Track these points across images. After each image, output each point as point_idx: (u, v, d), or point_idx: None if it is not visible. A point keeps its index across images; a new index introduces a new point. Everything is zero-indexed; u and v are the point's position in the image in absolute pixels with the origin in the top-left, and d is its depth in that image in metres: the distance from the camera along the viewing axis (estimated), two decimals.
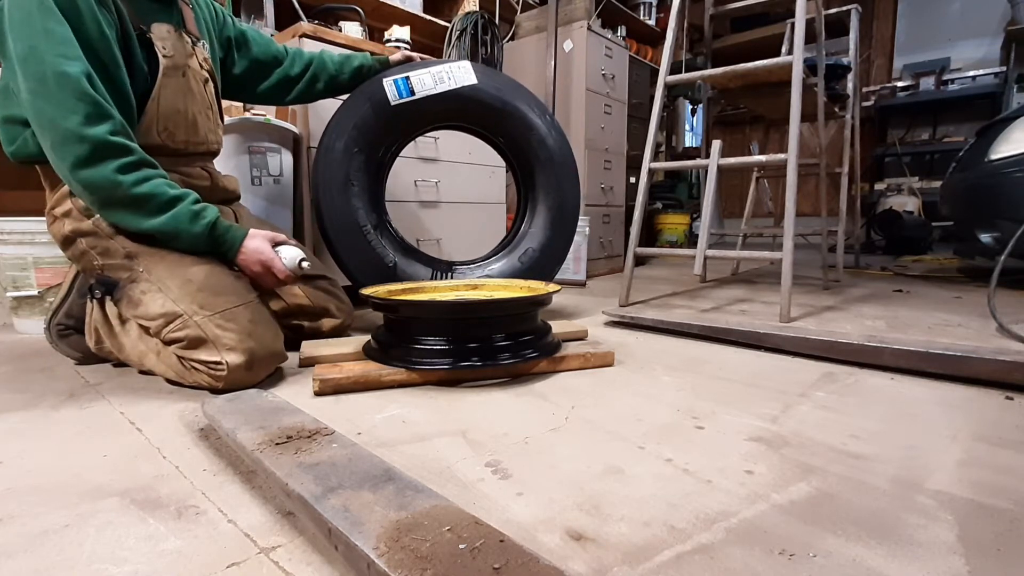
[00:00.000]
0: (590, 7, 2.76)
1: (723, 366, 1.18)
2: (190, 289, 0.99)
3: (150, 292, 0.99)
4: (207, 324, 0.97)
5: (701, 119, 4.13)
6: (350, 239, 1.43)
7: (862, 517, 0.59)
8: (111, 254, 1.02)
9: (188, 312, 0.97)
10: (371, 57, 1.51)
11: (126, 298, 1.01)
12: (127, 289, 1.01)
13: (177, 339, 0.97)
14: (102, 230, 1.02)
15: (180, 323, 0.97)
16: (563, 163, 1.63)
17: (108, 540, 0.55)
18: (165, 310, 0.98)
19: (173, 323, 0.97)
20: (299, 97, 1.47)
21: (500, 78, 1.56)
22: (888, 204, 3.97)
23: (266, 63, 1.40)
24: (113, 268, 1.02)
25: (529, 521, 0.58)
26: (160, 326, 0.98)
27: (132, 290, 1.01)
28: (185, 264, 1.01)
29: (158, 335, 0.99)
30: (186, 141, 1.15)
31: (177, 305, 0.98)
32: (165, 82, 1.07)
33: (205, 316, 0.97)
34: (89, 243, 1.03)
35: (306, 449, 0.64)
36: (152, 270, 1.00)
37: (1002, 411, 0.91)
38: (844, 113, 2.49)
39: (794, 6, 1.60)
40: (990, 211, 2.12)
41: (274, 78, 1.41)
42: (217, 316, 0.98)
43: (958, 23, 4.42)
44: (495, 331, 1.09)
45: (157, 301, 0.99)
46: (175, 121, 1.11)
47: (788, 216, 1.55)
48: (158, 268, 1.00)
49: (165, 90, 1.08)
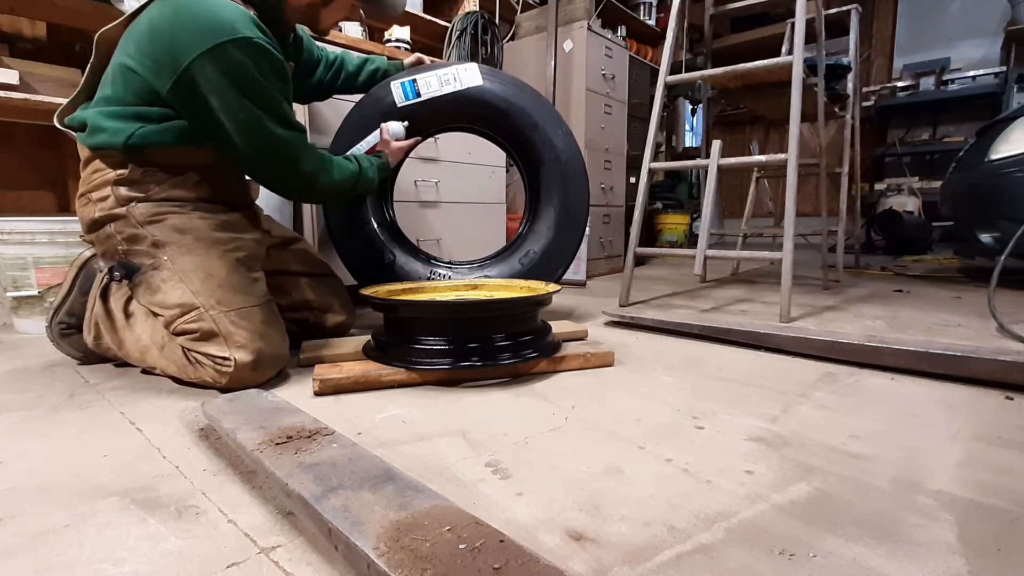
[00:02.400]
0: (590, 7, 2.76)
1: (723, 366, 1.18)
2: (211, 284, 1.01)
3: (171, 281, 1.01)
4: (222, 319, 0.99)
5: (701, 119, 4.13)
6: (352, 235, 1.48)
7: (862, 517, 0.59)
8: (138, 240, 1.04)
9: (205, 305, 1.00)
10: (387, 61, 1.56)
11: (145, 283, 1.03)
12: (148, 275, 1.03)
13: (189, 330, 0.99)
14: (135, 217, 1.03)
15: (196, 315, 0.99)
16: (569, 162, 1.59)
17: (108, 540, 0.55)
18: (183, 300, 1.00)
19: (189, 314, 0.99)
20: (316, 96, 1.52)
21: (506, 79, 1.56)
22: (888, 204, 3.97)
23: (311, 65, 1.44)
24: (137, 254, 1.04)
25: (529, 521, 0.58)
26: (175, 316, 1.00)
27: (153, 277, 1.03)
28: (211, 259, 1.04)
29: (170, 324, 1.01)
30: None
31: (196, 297, 1.00)
32: None
33: (221, 311, 1.00)
34: (117, 227, 1.04)
35: (306, 449, 0.64)
36: (176, 260, 1.02)
37: (1002, 411, 0.91)
38: (844, 113, 2.49)
39: (794, 6, 1.60)
40: (990, 211, 2.12)
41: (314, 80, 1.45)
42: (232, 313, 1.00)
43: (958, 23, 4.42)
44: (495, 331, 1.09)
45: (177, 291, 1.01)
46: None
47: (788, 216, 1.55)
48: (183, 259, 1.02)
49: None
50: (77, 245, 1.41)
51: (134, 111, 1.00)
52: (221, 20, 0.93)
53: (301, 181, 1.12)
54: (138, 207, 1.03)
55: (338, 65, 1.49)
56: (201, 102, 0.97)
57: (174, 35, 0.93)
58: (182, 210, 1.05)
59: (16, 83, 1.45)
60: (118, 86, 1.01)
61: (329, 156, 1.18)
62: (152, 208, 1.03)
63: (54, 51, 1.78)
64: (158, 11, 0.96)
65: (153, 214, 1.03)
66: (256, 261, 1.13)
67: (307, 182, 1.12)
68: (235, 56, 0.94)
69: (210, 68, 0.93)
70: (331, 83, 1.49)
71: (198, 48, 0.92)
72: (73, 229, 1.44)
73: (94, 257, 1.18)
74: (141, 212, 1.03)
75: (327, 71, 1.47)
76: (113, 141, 1.00)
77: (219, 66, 0.93)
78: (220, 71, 0.94)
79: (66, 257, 1.42)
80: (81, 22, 1.76)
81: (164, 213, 1.04)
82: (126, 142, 1.00)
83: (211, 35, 0.92)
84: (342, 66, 1.50)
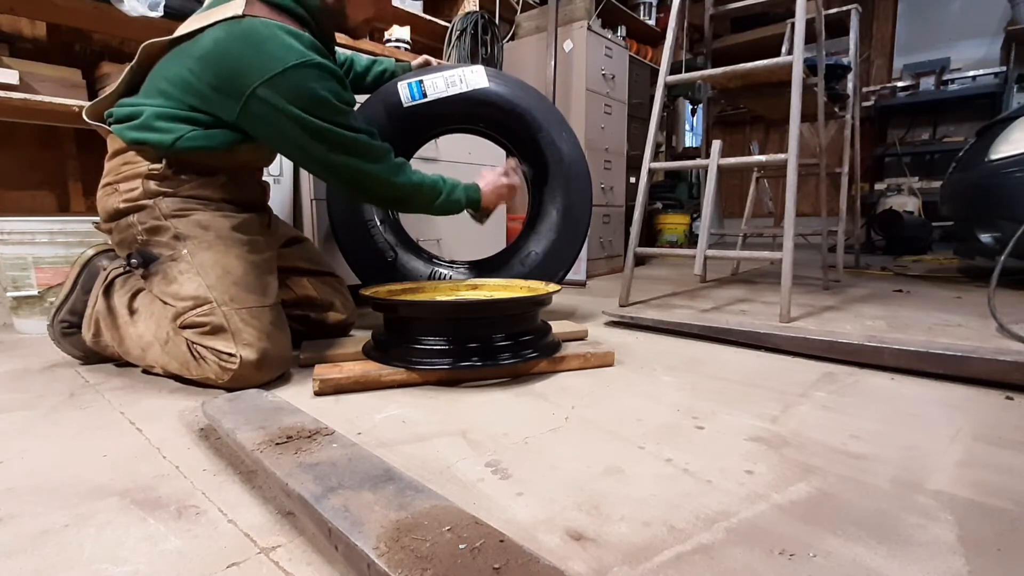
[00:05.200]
0: (590, 7, 2.76)
1: (723, 366, 1.18)
2: (227, 281, 1.03)
3: (188, 273, 1.03)
4: (233, 316, 1.01)
5: (701, 119, 4.13)
6: (355, 232, 1.50)
7: (862, 517, 0.59)
8: (160, 232, 1.05)
9: (219, 300, 1.01)
10: (395, 62, 1.57)
11: (162, 273, 1.04)
12: (166, 265, 1.04)
13: (199, 323, 1.00)
14: (160, 210, 1.05)
15: (208, 309, 1.00)
16: (573, 165, 1.59)
17: (108, 540, 0.55)
18: (198, 293, 1.01)
19: (201, 307, 1.01)
20: None
21: (512, 81, 1.57)
22: (888, 204, 3.97)
23: None
24: (157, 244, 1.06)
25: (529, 521, 0.58)
26: (187, 307, 1.01)
27: (171, 268, 1.04)
28: (229, 256, 1.05)
29: (180, 316, 1.02)
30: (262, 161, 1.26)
31: (211, 292, 1.01)
32: None
33: (233, 308, 1.01)
34: (140, 218, 1.06)
35: (306, 449, 0.64)
36: (196, 254, 1.04)
37: (1002, 411, 0.91)
38: (844, 113, 2.49)
39: (794, 6, 1.60)
40: (990, 211, 2.12)
41: None
42: (244, 311, 1.02)
43: (958, 23, 4.42)
44: (495, 331, 1.09)
45: (193, 283, 1.02)
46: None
47: (788, 216, 1.55)
48: (203, 254, 1.04)
49: None
50: (77, 245, 1.41)
51: (187, 115, 1.04)
52: (287, 45, 0.97)
53: (375, 179, 1.12)
54: (164, 200, 1.05)
55: (348, 65, 1.52)
56: (271, 122, 1.01)
57: (241, 58, 0.97)
58: (206, 208, 1.08)
59: (16, 83, 1.45)
60: (176, 91, 1.03)
61: (405, 163, 1.19)
62: (178, 203, 1.06)
63: (54, 51, 1.78)
64: (226, 33, 0.98)
65: (178, 209, 1.05)
66: (271, 263, 1.14)
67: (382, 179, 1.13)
68: (299, 77, 0.98)
69: (276, 91, 0.98)
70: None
71: (265, 73, 0.96)
72: (73, 229, 1.44)
73: (97, 256, 1.19)
74: (167, 205, 1.05)
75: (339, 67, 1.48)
76: (161, 140, 1.03)
77: (286, 88, 0.98)
78: (286, 93, 0.98)
79: (66, 257, 1.42)
80: (81, 22, 1.76)
81: (189, 209, 1.06)
82: (174, 143, 1.03)
83: (278, 61, 0.96)
84: (351, 67, 1.52)
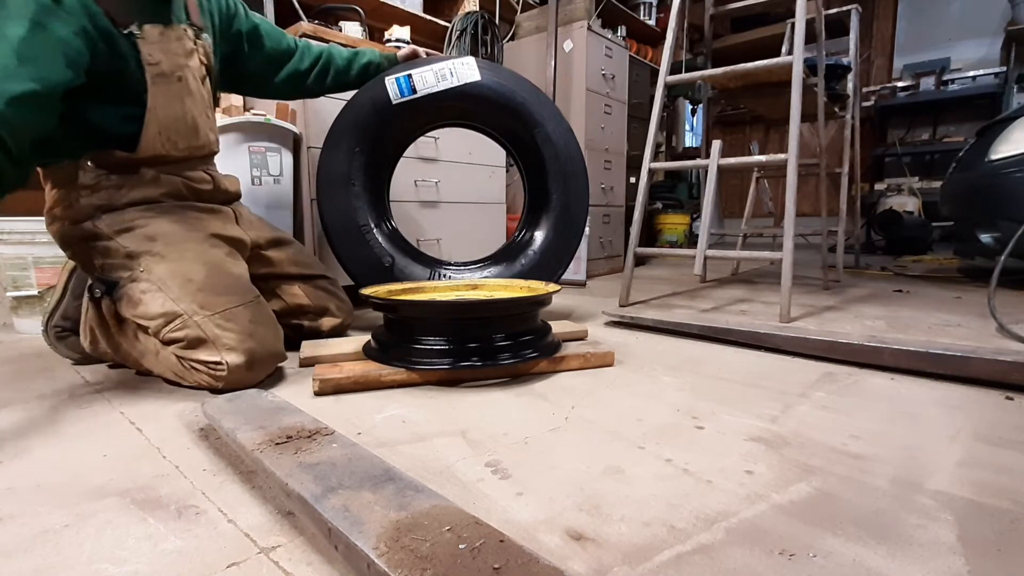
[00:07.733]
0: (590, 7, 2.76)
1: (723, 366, 1.18)
2: (190, 289, 0.99)
3: (150, 292, 0.99)
4: (207, 324, 0.97)
5: (701, 119, 4.13)
6: (349, 238, 1.44)
7: (862, 517, 0.59)
8: (111, 254, 1.02)
9: (188, 312, 0.97)
10: (379, 54, 1.50)
11: (126, 297, 1.01)
12: (127, 288, 1.01)
13: (176, 339, 0.97)
14: (102, 231, 1.01)
15: (180, 323, 0.97)
16: (569, 162, 1.57)
17: (108, 540, 0.55)
18: (165, 310, 0.97)
19: (173, 323, 0.97)
20: (306, 92, 1.45)
21: (505, 74, 1.53)
22: (888, 204, 3.97)
23: (278, 58, 1.36)
24: (113, 267, 1.02)
25: (529, 521, 0.58)
26: (160, 326, 0.98)
27: (132, 290, 1.00)
28: (185, 263, 1.01)
29: (157, 335, 0.99)
30: (188, 147, 1.12)
31: (177, 305, 0.97)
32: (156, 91, 1.03)
33: (205, 316, 0.97)
34: (89, 242, 1.02)
35: (306, 449, 0.64)
36: (152, 270, 1.00)
37: (1002, 411, 0.91)
38: (844, 113, 2.49)
39: (794, 6, 1.60)
40: (990, 211, 2.12)
41: (284, 73, 1.37)
42: (217, 316, 0.98)
43: (958, 23, 4.42)
44: (495, 331, 1.09)
45: (157, 300, 0.98)
46: (176, 129, 1.08)
47: (788, 216, 1.55)
48: (158, 268, 1.00)
49: (159, 98, 1.04)
50: None
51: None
52: None
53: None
54: (103, 218, 1.00)
55: (325, 62, 1.42)
56: None
57: None
58: (148, 213, 1.03)
59: None
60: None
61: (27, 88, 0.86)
62: (117, 217, 1.01)
63: None
64: None
65: (121, 223, 1.01)
66: (235, 256, 1.09)
67: None
68: None
69: None
70: (318, 82, 1.42)
71: None
72: None
73: None
74: (108, 224, 1.01)
75: (311, 68, 1.40)
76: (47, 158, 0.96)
77: None
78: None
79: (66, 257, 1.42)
80: None
81: (131, 220, 1.01)
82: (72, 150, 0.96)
83: None
84: (330, 62, 1.42)
